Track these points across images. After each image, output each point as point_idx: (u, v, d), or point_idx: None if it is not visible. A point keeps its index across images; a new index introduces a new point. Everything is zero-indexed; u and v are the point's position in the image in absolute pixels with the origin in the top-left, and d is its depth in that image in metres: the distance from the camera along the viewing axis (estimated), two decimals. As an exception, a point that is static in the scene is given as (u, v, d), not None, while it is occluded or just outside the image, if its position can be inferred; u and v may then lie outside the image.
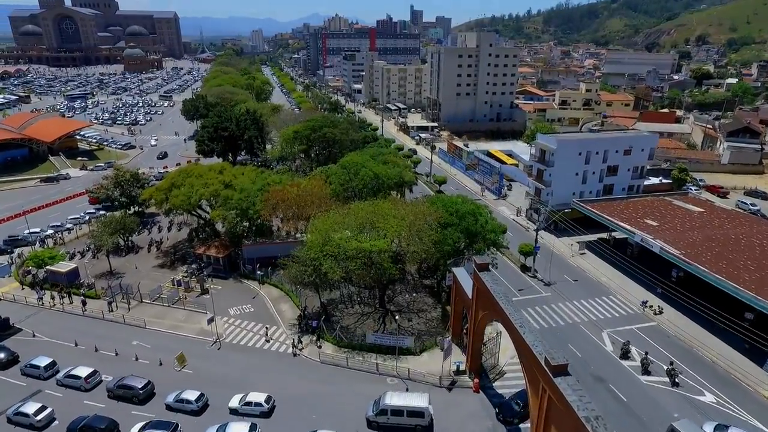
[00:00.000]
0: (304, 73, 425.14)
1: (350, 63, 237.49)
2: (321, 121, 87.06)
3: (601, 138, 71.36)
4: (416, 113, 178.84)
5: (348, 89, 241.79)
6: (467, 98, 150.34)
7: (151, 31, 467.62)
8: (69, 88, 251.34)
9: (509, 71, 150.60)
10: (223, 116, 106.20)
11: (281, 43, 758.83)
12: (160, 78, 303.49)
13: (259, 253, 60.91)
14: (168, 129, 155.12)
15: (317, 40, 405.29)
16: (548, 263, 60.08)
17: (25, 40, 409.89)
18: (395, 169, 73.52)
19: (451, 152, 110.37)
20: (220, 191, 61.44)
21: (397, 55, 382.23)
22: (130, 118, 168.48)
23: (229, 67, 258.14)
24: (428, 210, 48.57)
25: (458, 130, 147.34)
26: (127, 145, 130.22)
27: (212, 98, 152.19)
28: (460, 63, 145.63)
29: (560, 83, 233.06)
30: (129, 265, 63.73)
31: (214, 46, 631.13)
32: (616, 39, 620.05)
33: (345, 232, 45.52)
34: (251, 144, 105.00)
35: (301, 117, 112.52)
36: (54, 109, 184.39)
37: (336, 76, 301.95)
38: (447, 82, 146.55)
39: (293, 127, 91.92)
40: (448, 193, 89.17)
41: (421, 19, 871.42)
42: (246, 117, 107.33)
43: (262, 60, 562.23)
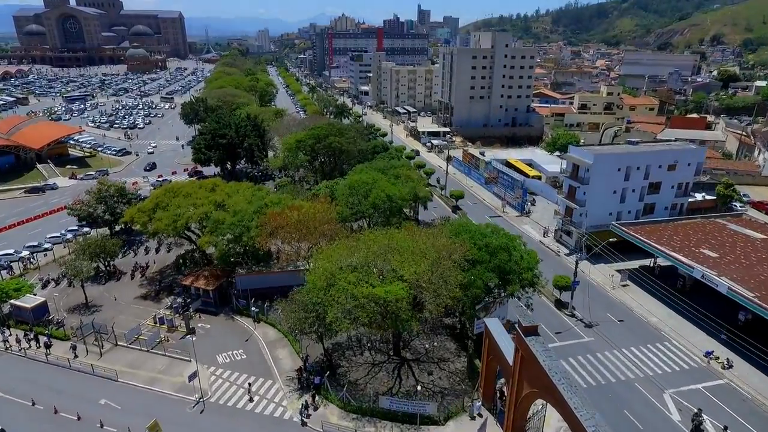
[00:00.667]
0: (310, 73, 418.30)
1: (357, 64, 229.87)
2: (326, 129, 79.32)
3: (643, 151, 63.02)
4: (426, 117, 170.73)
5: (355, 91, 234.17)
6: (481, 102, 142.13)
7: (155, 31, 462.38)
8: (69, 89, 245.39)
9: (525, 73, 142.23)
10: (221, 122, 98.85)
11: (287, 43, 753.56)
12: (163, 79, 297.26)
13: (254, 283, 53.29)
14: (167, 133, 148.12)
15: (323, 40, 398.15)
16: (585, 296, 51.96)
17: (28, 39, 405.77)
18: (408, 184, 65.69)
19: (466, 162, 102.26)
20: (211, 213, 53.80)
21: (404, 56, 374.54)
22: (128, 122, 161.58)
23: (233, 67, 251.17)
24: (453, 244, 40.59)
25: (471, 135, 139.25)
26: (122, 151, 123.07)
27: (213, 101, 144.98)
28: (474, 64, 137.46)
29: (575, 85, 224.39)
30: (108, 295, 56.24)
31: (219, 46, 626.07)
32: (628, 39, 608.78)
33: (353, 273, 37.62)
34: (251, 152, 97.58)
35: (306, 123, 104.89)
36: (51, 111, 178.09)
37: (342, 77, 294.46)
38: (460, 84, 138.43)
39: (296, 136, 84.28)
40: (466, 208, 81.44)
41: (428, 19, 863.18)
42: (246, 123, 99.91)
43: (267, 60, 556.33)
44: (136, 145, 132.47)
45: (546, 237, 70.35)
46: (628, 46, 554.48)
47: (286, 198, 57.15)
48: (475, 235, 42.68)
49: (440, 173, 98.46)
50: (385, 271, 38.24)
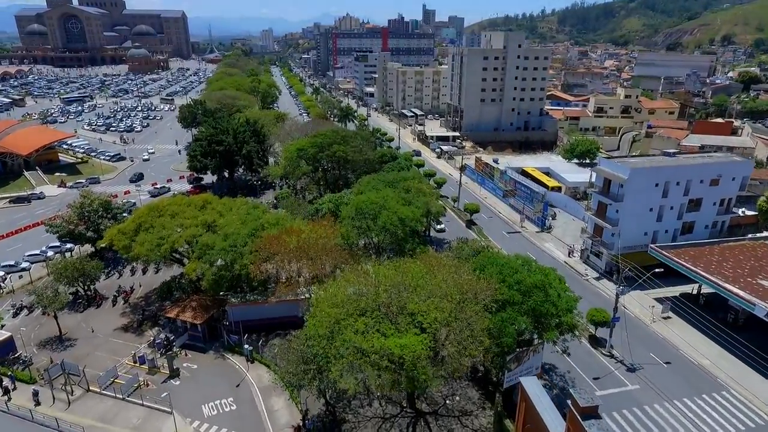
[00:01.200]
0: (314, 74, 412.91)
1: (362, 64, 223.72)
2: (330, 136, 73.12)
3: (683, 164, 56.51)
4: (434, 120, 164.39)
5: (359, 92, 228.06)
6: (492, 105, 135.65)
7: (158, 31, 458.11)
8: (69, 90, 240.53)
9: (539, 75, 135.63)
10: (218, 127, 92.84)
11: (291, 43, 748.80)
12: (164, 79, 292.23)
13: (249, 314, 47.25)
14: (166, 136, 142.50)
15: (328, 39, 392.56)
16: (623, 331, 45.55)
17: (30, 39, 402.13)
18: (420, 198, 59.49)
19: (479, 170, 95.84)
20: (200, 236, 47.73)
21: (410, 56, 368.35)
22: (125, 125, 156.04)
23: (235, 68, 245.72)
24: (478, 281, 34.30)
25: (482, 140, 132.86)
26: (116, 157, 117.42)
27: (213, 104, 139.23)
28: (485, 66, 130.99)
29: (587, 86, 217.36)
30: (86, 326, 50.31)
31: (222, 45, 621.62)
32: (635, 39, 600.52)
33: (361, 319, 31.39)
34: (250, 159, 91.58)
35: (308, 128, 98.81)
36: (46, 113, 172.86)
37: (347, 78, 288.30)
38: (470, 86, 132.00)
39: (297, 143, 78.13)
40: (481, 222, 75.04)
41: (433, 19, 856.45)
42: (245, 128, 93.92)
43: (271, 60, 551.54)
44: (132, 150, 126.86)
45: (571, 257, 63.93)
46: (636, 47, 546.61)
47: (285, 217, 51.00)
48: (504, 270, 36.38)
49: (451, 182, 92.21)
50: (400, 317, 31.98)
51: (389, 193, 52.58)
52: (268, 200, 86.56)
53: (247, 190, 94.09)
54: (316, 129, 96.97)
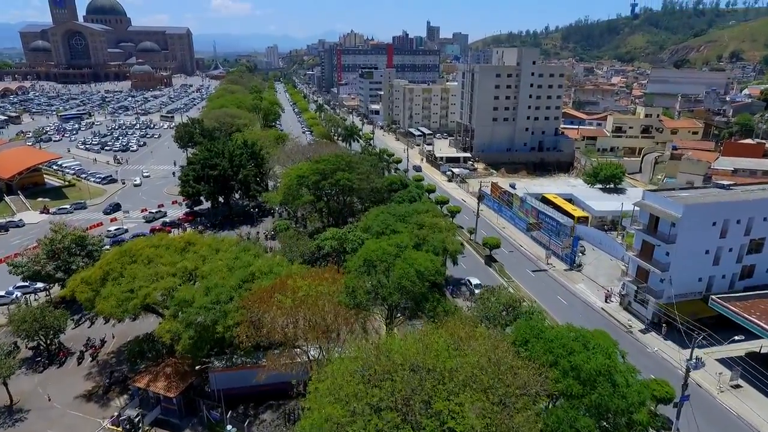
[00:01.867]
0: (318, 90, 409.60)
1: (367, 81, 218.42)
2: (333, 162, 65.83)
3: (745, 200, 48.66)
4: (442, 139, 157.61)
5: (364, 109, 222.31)
6: (505, 124, 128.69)
7: (163, 47, 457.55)
8: (68, 107, 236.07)
9: (554, 93, 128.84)
10: (213, 150, 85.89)
11: (296, 59, 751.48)
12: (166, 96, 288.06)
13: (235, 382, 39.42)
14: (163, 156, 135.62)
15: (332, 56, 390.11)
16: (687, 406, 37.22)
17: (35, 56, 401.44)
18: (437, 236, 51.90)
19: (496, 196, 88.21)
20: (178, 287, 40.06)
21: (415, 72, 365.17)
22: (120, 144, 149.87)
23: (238, 85, 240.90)
24: (524, 365, 26.36)
25: (494, 161, 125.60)
26: (107, 179, 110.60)
27: (212, 122, 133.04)
28: (498, 83, 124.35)
29: (599, 104, 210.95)
30: (42, 391, 42.43)
31: (227, 62, 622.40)
32: (641, 56, 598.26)
33: (371, 423, 23.47)
34: (247, 185, 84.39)
35: (311, 151, 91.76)
36: (41, 131, 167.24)
37: (351, 95, 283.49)
38: (482, 105, 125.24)
39: (298, 169, 70.81)
40: (501, 258, 67.07)
41: (437, 36, 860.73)
42: (242, 151, 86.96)
43: (276, 76, 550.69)
44: (126, 172, 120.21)
45: (609, 303, 55.78)
46: (642, 63, 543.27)
47: (280, 263, 43.29)
48: (554, 347, 28.45)
49: (465, 209, 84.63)
50: (425, 419, 24.03)
51: (403, 237, 44.85)
52: (266, 228, 79.37)
53: (243, 217, 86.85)
54: (319, 151, 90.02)
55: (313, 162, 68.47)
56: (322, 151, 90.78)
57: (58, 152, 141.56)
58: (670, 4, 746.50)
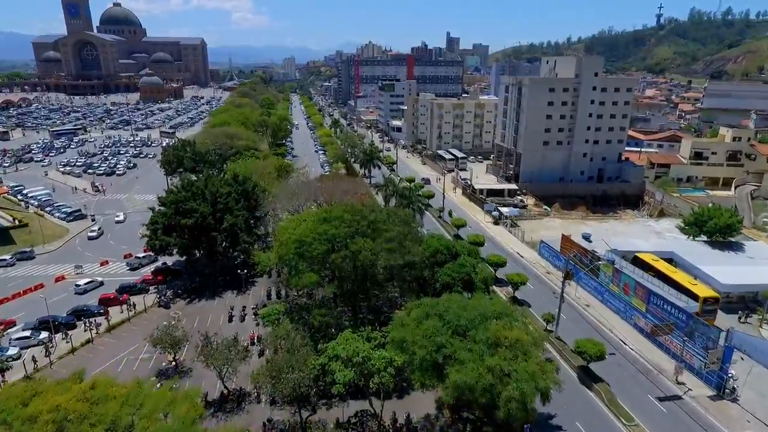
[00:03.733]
0: (334, 102, 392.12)
1: (388, 94, 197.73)
2: (349, 220, 43.89)
3: None
4: (476, 163, 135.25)
5: (384, 125, 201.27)
6: (558, 149, 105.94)
7: (177, 58, 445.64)
8: (66, 120, 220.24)
9: (619, 111, 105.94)
10: (191, 189, 64.94)
11: (313, 71, 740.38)
12: (173, 109, 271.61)
13: None
14: (151, 183, 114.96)
15: (350, 67, 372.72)
16: None
17: (46, 66, 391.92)
18: (521, 366, 29.98)
19: (566, 252, 65.15)
20: None
21: (437, 84, 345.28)
22: (108, 165, 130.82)
23: (247, 98, 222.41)
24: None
25: (545, 193, 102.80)
26: (74, 215, 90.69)
27: (208, 143, 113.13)
28: (551, 99, 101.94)
29: (650, 121, 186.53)
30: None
31: (243, 73, 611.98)
32: (671, 67, 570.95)
33: None
34: (234, 236, 63.04)
35: (322, 189, 70.25)
36: (23, 150, 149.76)
37: (369, 108, 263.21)
38: (531, 125, 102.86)
39: (296, 222, 49.05)
40: (601, 368, 43.51)
41: (457, 47, 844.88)
42: (230, 189, 65.85)
43: (291, 87, 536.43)
44: (102, 204, 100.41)
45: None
46: (672, 74, 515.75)
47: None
48: None
49: (527, 271, 61.91)
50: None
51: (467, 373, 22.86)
52: (258, 298, 58.00)
53: (231, 276, 65.26)
54: (331, 191, 68.53)
55: (319, 217, 46.56)
56: (335, 189, 69.43)
57: (37, 174, 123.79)
58: (697, 15, 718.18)
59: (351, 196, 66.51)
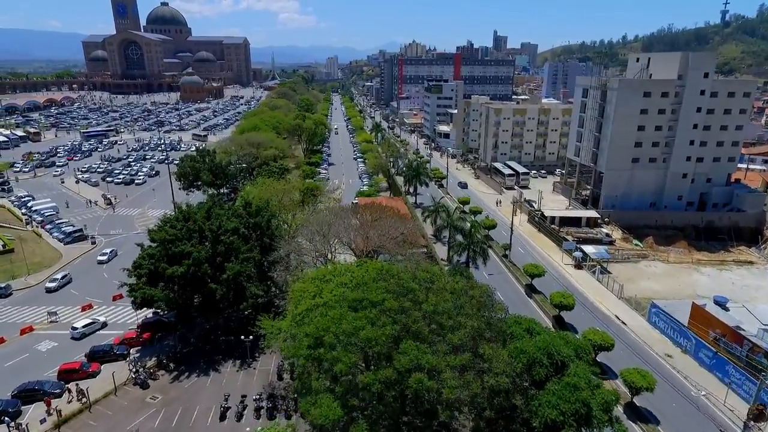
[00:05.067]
0: (376, 103, 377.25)
1: (434, 96, 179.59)
2: (393, 311, 27.14)
3: None
4: (539, 179, 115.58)
5: (429, 130, 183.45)
6: (651, 167, 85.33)
7: (219, 57, 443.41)
8: (102, 121, 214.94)
9: (732, 122, 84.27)
10: (185, 225, 50.01)
11: (355, 70, 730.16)
12: (211, 109, 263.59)
13: None
14: (168, 197, 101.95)
15: (393, 67, 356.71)
16: None
17: (94, 65, 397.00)
18: None
19: (700, 332, 45.65)
20: None
21: (485, 85, 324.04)
22: (127, 173, 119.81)
23: (284, 99, 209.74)
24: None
25: (631, 222, 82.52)
26: (74, 235, 78.43)
27: (233, 150, 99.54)
28: (645, 106, 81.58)
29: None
30: None
31: (285, 72, 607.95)
32: (742, 67, 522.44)
33: None
34: (239, 288, 47.66)
35: (359, 223, 53.83)
36: (49, 153, 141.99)
37: (413, 110, 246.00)
38: (618, 138, 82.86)
39: (315, 295, 32.97)
40: None
41: (505, 46, 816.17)
42: (238, 224, 50.51)
43: (333, 87, 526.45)
44: (111, 220, 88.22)
45: None
46: (744, 75, 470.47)
47: None
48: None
49: (636, 350, 43.27)
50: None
51: None
52: (263, 379, 42.37)
53: (234, 337, 49.72)
54: (369, 228, 52.12)
55: (347, 299, 29.92)
56: (376, 219, 52.95)
57: (53, 182, 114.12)
58: (766, 11, 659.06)
59: (392, 239, 49.81)
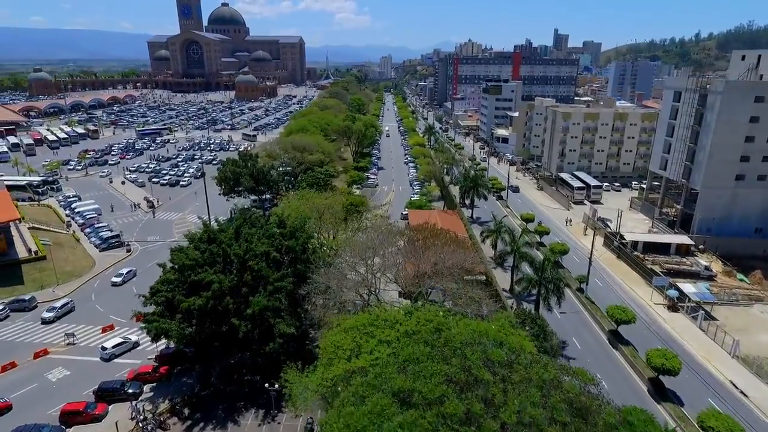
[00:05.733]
0: (429, 103, 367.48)
1: (493, 97, 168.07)
2: (453, 397, 18.75)
3: None
4: (612, 192, 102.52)
5: (487, 133, 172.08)
6: (759, 186, 71.41)
7: (275, 57, 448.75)
8: (158, 119, 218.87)
9: None
10: (209, 248, 43.61)
11: (409, 70, 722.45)
12: (264, 108, 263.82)
13: None
14: (211, 200, 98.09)
15: (447, 66, 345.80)
16: None
17: (157, 65, 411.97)
18: None
19: None
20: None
21: (546, 86, 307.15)
22: (174, 174, 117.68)
23: (335, 99, 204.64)
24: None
25: (732, 251, 69.05)
26: (110, 242, 75.11)
27: (278, 155, 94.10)
28: (757, 113, 67.97)
29: None
30: None
31: (338, 71, 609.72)
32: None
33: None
34: (265, 325, 40.70)
35: (409, 251, 45.50)
36: (103, 151, 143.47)
37: (468, 111, 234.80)
38: (720, 150, 69.68)
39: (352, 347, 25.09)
40: None
41: (565, 44, 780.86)
42: (271, 245, 43.65)
43: (386, 86, 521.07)
44: (148, 226, 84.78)
45: None
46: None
47: None
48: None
49: (749, 416, 32.30)
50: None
51: None
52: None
53: (260, 378, 42.68)
54: (420, 257, 43.73)
55: (393, 389, 21.71)
56: (431, 253, 44.44)
57: (102, 181, 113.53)
58: None
59: (447, 269, 41.10)
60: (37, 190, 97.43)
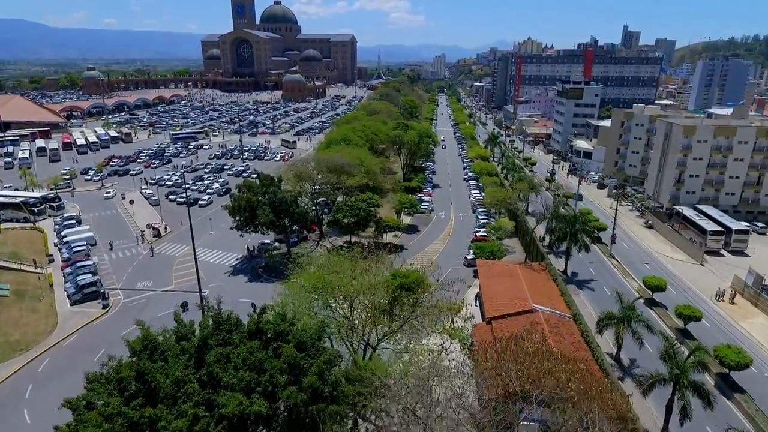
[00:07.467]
0: (486, 105, 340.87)
1: (571, 102, 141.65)
2: None
3: None
4: (752, 233, 75.31)
5: (562, 144, 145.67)
6: None
7: (326, 55, 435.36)
8: (199, 121, 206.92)
9: None
10: (149, 376, 22.70)
11: (463, 69, 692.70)
12: (310, 110, 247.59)
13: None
14: (226, 231, 78.27)
15: (507, 65, 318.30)
16: None
17: (209, 64, 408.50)
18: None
19: None
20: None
21: (622, 87, 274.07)
22: (196, 189, 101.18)
23: (384, 101, 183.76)
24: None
25: None
26: (86, 291, 57.70)
27: (310, 176, 74.35)
28: None
29: None
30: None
31: (390, 71, 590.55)
32: None
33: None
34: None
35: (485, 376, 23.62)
36: (128, 158, 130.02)
37: (534, 116, 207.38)
38: None
39: None
40: None
41: (636, 42, 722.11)
42: (253, 382, 22.31)
43: (439, 87, 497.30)
44: (143, 266, 67.23)
45: None
46: None
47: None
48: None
49: None
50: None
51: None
52: None
53: None
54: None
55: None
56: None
57: (116, 198, 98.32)
58: None
59: None
60: (33, 210, 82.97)
